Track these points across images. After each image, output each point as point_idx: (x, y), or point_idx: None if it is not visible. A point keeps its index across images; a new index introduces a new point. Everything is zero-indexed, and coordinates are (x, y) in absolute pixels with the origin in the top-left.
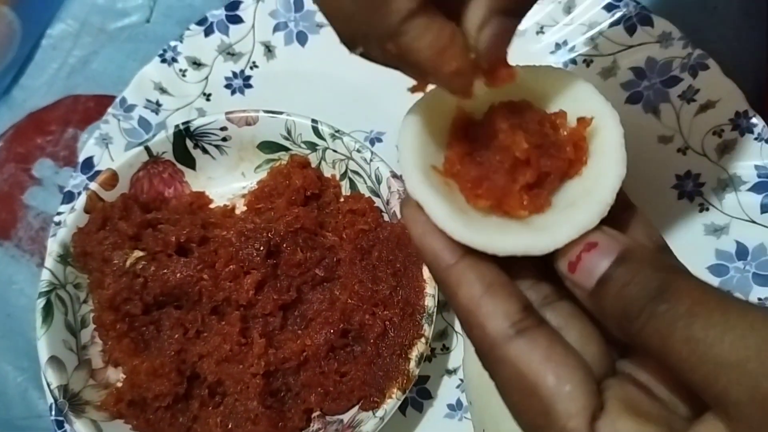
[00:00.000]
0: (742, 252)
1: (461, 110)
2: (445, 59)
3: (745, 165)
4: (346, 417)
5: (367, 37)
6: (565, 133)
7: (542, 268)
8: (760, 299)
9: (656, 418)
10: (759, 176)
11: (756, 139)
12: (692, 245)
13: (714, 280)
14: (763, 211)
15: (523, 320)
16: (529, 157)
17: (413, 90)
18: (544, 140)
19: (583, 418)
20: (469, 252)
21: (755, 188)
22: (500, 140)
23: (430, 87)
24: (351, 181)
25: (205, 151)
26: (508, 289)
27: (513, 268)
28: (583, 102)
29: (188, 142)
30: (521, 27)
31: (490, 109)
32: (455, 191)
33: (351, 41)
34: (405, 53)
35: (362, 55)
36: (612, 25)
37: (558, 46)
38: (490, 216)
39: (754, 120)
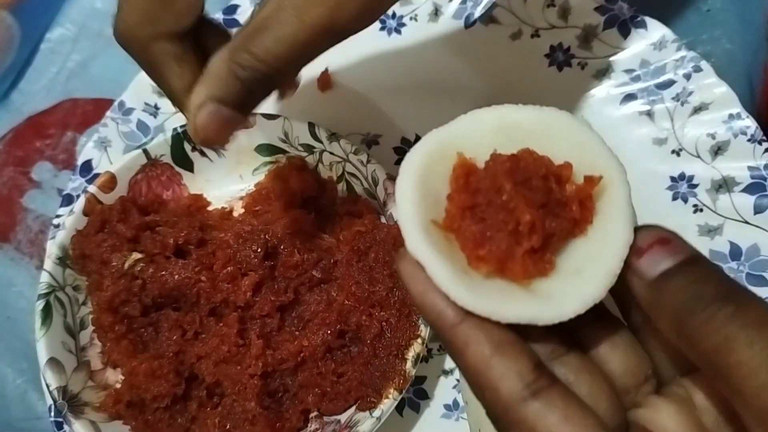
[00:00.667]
0: (735, 252)
1: (462, 157)
2: None
3: (739, 166)
4: (343, 417)
5: None
6: (572, 188)
7: None
8: None
9: None
10: (752, 177)
11: (749, 140)
12: None
13: None
14: (756, 212)
15: (537, 380)
16: (534, 221)
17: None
18: (548, 198)
19: None
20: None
21: (748, 189)
22: (504, 201)
23: (430, 133)
24: (348, 183)
25: (203, 153)
26: (517, 347)
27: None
28: (589, 152)
29: (186, 145)
30: (514, 30)
31: (492, 159)
32: (456, 247)
33: None
34: None
35: None
36: (606, 27)
37: (553, 48)
38: (492, 279)
39: (747, 122)
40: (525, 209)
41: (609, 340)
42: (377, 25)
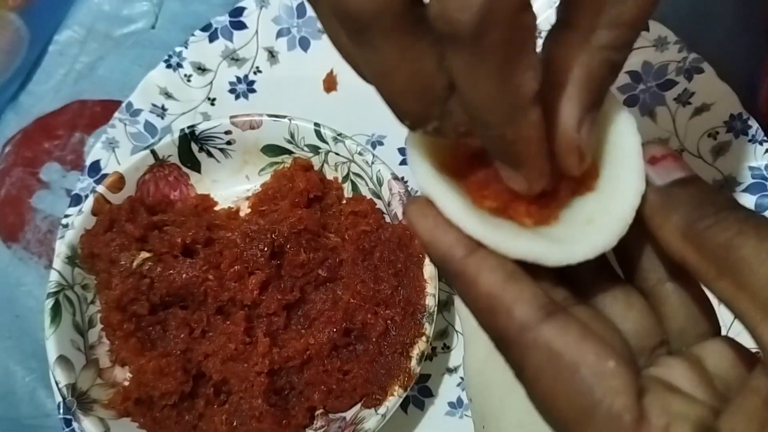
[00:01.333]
0: None
1: None
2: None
3: (740, 166)
4: (348, 414)
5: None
6: None
7: (556, 274)
8: None
9: (702, 397)
10: (753, 177)
11: (750, 141)
12: None
13: None
14: (757, 212)
15: (551, 304)
16: None
17: None
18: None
19: (630, 395)
20: (482, 245)
21: (750, 189)
22: None
23: None
24: (353, 183)
25: (210, 154)
26: (530, 278)
27: (527, 268)
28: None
29: (193, 146)
30: None
31: None
32: (463, 192)
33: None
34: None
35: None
36: None
37: None
38: (498, 218)
39: (748, 122)
40: None
41: (623, 300)
42: None
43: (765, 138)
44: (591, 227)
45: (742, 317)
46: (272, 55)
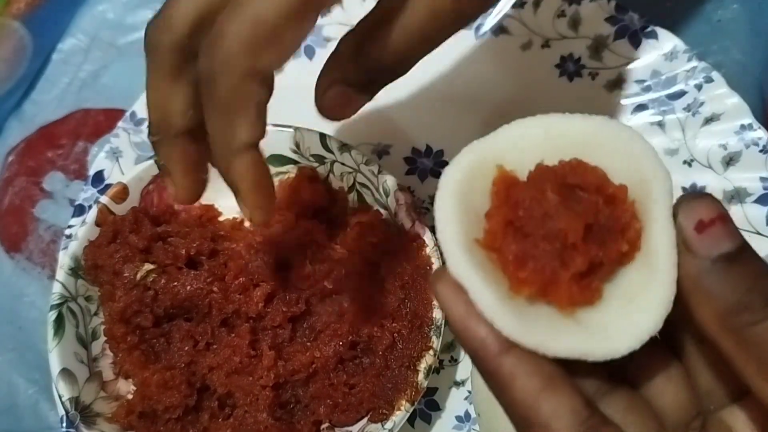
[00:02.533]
0: None
1: (502, 170)
2: None
3: (750, 177)
4: (355, 429)
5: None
6: (627, 214)
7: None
8: None
9: None
10: (764, 188)
11: (761, 151)
12: None
13: None
14: None
15: (590, 418)
16: (581, 236)
17: None
18: (596, 219)
19: None
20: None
21: (760, 200)
22: (549, 217)
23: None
24: (359, 193)
25: (213, 164)
26: (568, 382)
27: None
28: (641, 164)
29: None
30: (524, 40)
31: (537, 169)
32: (498, 269)
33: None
34: None
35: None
36: (617, 38)
37: (563, 59)
38: (536, 303)
39: (758, 132)
40: (573, 222)
41: (661, 373)
42: None
43: None
44: (632, 310)
45: None
46: None
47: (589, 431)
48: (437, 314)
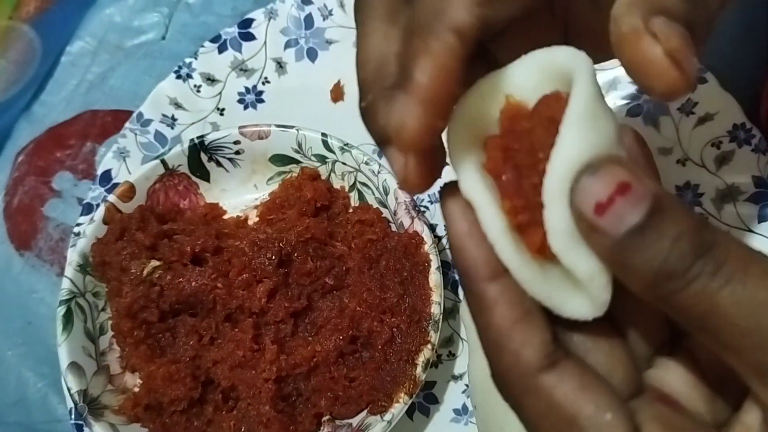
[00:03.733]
0: None
1: (511, 99)
2: None
3: (743, 176)
4: (355, 421)
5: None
6: None
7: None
8: None
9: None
10: (756, 186)
11: (753, 150)
12: None
13: None
14: (760, 221)
15: (556, 350)
16: None
17: None
18: None
19: None
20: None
21: (753, 198)
22: (535, 151)
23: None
24: (359, 192)
25: (219, 164)
26: (543, 316)
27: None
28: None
29: (203, 156)
30: None
31: (540, 102)
32: (496, 193)
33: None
34: None
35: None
36: None
37: None
38: (520, 232)
39: (752, 132)
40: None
41: (634, 305)
42: None
43: None
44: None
45: (733, 369)
46: (280, 65)
47: (553, 362)
48: (435, 309)
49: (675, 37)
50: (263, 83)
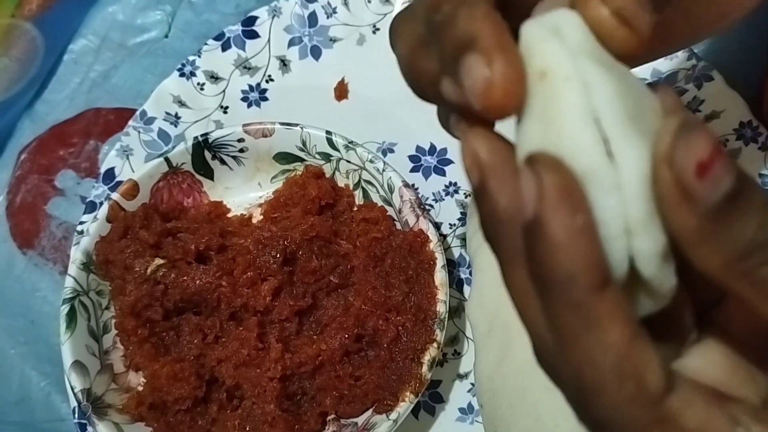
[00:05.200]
0: None
1: None
2: None
3: (750, 174)
4: (360, 420)
5: None
6: None
7: None
8: None
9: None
10: (764, 184)
11: (760, 148)
12: None
13: None
14: None
15: (671, 371)
16: None
17: None
18: None
19: None
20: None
21: None
22: None
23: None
24: (364, 190)
25: (222, 162)
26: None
27: None
28: None
29: (206, 154)
30: None
31: None
32: None
33: None
34: None
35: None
36: None
37: None
38: None
39: (758, 130)
40: None
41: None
42: None
43: None
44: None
45: None
46: (284, 63)
47: (674, 383)
48: (441, 308)
49: None
50: (267, 81)
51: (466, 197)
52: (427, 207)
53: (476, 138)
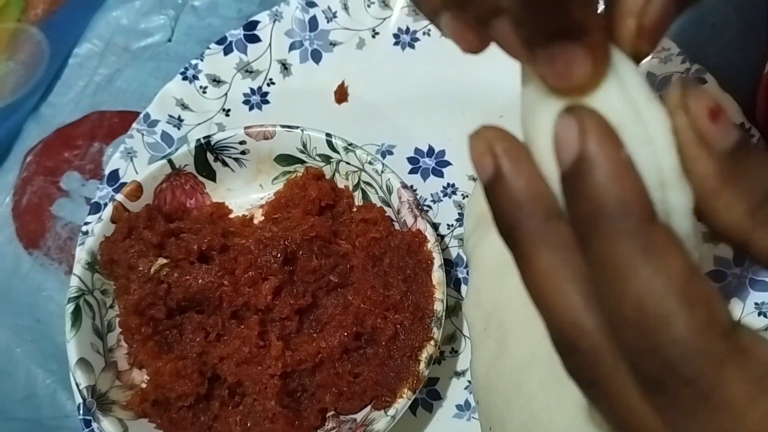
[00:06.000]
0: (739, 258)
1: None
2: None
3: None
4: (359, 416)
5: None
6: None
7: None
8: (756, 304)
9: None
10: None
11: None
12: None
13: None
14: None
15: None
16: None
17: None
18: None
19: None
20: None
21: None
22: None
23: None
24: (363, 191)
25: (224, 163)
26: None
27: None
28: None
29: (209, 156)
30: None
31: None
32: None
33: None
34: None
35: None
36: None
37: None
38: None
39: (750, 132)
40: None
41: None
42: (391, 39)
43: (767, 148)
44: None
45: None
46: (285, 67)
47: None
48: (438, 306)
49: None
50: (268, 84)
51: (463, 198)
52: (425, 208)
53: (488, 130)
